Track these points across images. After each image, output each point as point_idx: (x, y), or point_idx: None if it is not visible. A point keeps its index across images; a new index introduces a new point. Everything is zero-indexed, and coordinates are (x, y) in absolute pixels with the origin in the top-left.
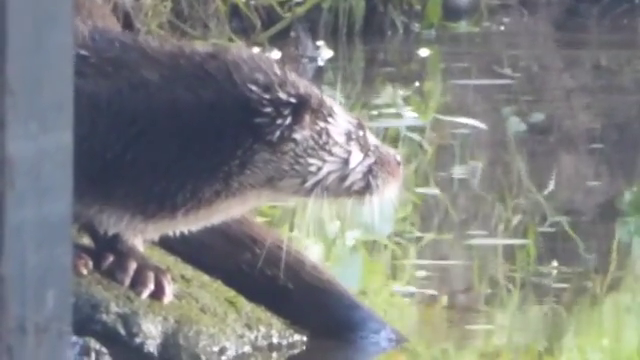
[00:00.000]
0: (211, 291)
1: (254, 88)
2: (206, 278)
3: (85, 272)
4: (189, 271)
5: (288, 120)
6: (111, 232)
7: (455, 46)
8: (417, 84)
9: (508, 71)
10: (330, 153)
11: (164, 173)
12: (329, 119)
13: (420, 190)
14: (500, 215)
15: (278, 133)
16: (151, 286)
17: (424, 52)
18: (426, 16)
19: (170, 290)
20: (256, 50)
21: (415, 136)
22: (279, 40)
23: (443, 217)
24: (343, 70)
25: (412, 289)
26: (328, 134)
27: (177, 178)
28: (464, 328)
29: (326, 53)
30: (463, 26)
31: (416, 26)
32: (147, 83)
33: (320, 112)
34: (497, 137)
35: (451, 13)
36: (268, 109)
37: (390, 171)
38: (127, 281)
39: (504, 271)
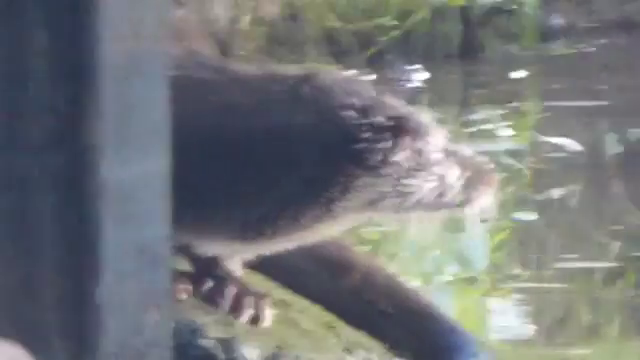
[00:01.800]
0: (310, 316)
1: (351, 114)
2: (305, 303)
3: (184, 297)
4: (288, 296)
5: (388, 143)
6: (209, 255)
7: (551, 67)
8: (513, 105)
9: (604, 92)
10: (429, 171)
11: (263, 199)
12: (426, 137)
13: (517, 214)
14: (599, 240)
15: (379, 157)
16: (250, 311)
17: (520, 73)
18: (522, 38)
19: (269, 315)
20: (350, 73)
21: (512, 161)
22: (374, 63)
23: (541, 244)
24: (439, 92)
25: (510, 314)
26: (426, 153)
27: (277, 205)
28: (564, 354)
29: (422, 75)
30: (559, 48)
31: (512, 48)
32: (240, 108)
33: (417, 131)
34: (594, 159)
35: (547, 35)
36: (367, 134)
37: (486, 181)
38: (226, 306)
39: (605, 297)
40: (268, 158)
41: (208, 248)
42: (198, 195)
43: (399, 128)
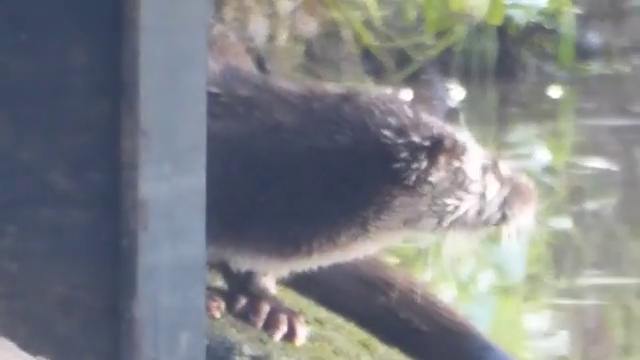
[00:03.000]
0: (344, 333)
1: (388, 133)
2: (339, 320)
3: (218, 315)
4: (322, 313)
5: (424, 164)
6: (244, 270)
7: (587, 87)
8: (549, 124)
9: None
10: (466, 190)
11: (300, 217)
12: (463, 157)
13: (553, 221)
14: (634, 254)
15: (414, 177)
16: (284, 328)
17: (556, 93)
18: (558, 58)
19: (303, 332)
20: (387, 91)
21: (547, 179)
22: (411, 82)
23: (576, 257)
24: (475, 111)
25: (545, 330)
26: (463, 172)
27: (313, 223)
28: None
29: (458, 94)
30: (595, 67)
31: (548, 67)
32: (280, 126)
33: (454, 151)
34: (629, 177)
35: (583, 54)
36: (403, 154)
37: (525, 200)
38: (260, 323)
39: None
40: (306, 176)
41: (245, 264)
42: (237, 212)
43: (436, 147)
